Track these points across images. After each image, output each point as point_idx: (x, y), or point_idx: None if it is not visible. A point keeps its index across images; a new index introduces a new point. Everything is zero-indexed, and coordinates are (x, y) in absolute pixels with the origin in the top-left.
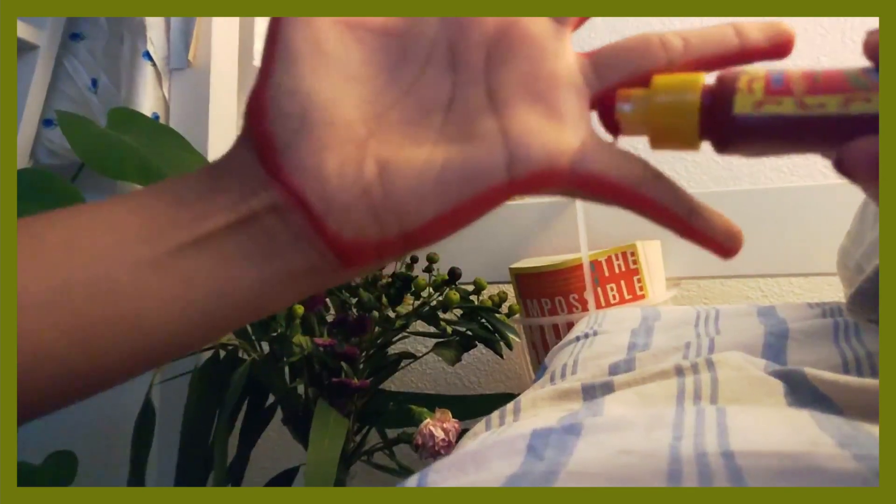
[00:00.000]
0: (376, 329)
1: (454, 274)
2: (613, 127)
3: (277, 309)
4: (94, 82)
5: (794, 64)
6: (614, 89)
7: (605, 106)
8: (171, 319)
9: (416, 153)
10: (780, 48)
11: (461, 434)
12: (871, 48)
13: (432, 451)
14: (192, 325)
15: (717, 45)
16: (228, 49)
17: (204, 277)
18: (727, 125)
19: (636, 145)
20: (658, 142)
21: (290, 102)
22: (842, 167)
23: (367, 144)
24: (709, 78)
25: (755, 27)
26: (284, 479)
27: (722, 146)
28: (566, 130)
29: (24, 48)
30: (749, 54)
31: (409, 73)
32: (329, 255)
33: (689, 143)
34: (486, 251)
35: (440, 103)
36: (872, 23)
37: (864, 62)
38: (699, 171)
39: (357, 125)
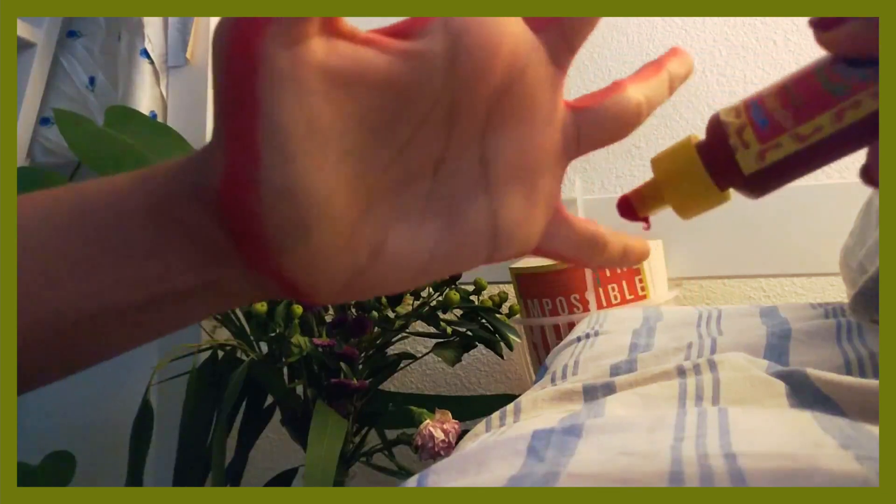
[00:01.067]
0: (376, 329)
1: (454, 274)
2: (635, 216)
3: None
4: (92, 80)
5: (796, 61)
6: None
7: (624, 210)
8: (124, 346)
9: (404, 234)
10: (690, 69)
11: (461, 435)
12: (828, 43)
13: (432, 453)
14: (150, 338)
15: (661, 96)
16: None
17: (158, 321)
18: (746, 187)
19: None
20: (684, 212)
21: (287, 207)
22: (867, 177)
23: (361, 228)
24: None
25: (671, 62)
26: (283, 480)
27: (755, 196)
28: (540, 217)
29: (22, 46)
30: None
31: (403, 132)
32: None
33: (712, 198)
34: None
35: (430, 163)
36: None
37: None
38: None
39: (352, 209)
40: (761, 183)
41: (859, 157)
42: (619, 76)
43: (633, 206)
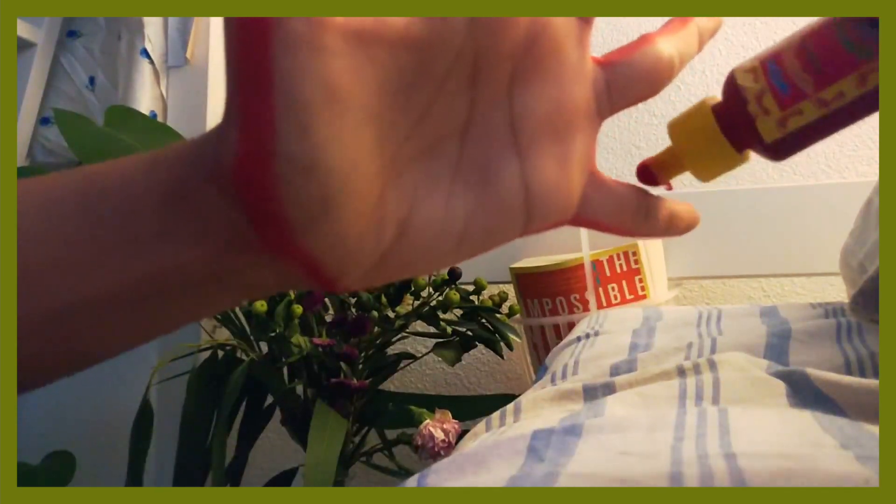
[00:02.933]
0: (375, 329)
1: (454, 274)
2: (655, 181)
3: None
4: (92, 80)
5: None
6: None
7: (645, 177)
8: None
9: (434, 205)
10: (719, 22)
11: (461, 435)
12: None
13: (432, 452)
14: (164, 329)
15: (692, 49)
16: None
17: (170, 312)
18: (767, 152)
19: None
20: (704, 176)
21: (308, 184)
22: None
23: (385, 203)
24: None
25: (702, 17)
26: (283, 479)
27: (776, 160)
28: (575, 181)
29: (22, 46)
30: (701, 44)
31: (425, 93)
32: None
33: (731, 161)
34: None
35: (456, 127)
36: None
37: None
38: None
39: (375, 181)
40: (783, 149)
41: (860, 159)
42: None
43: (652, 173)
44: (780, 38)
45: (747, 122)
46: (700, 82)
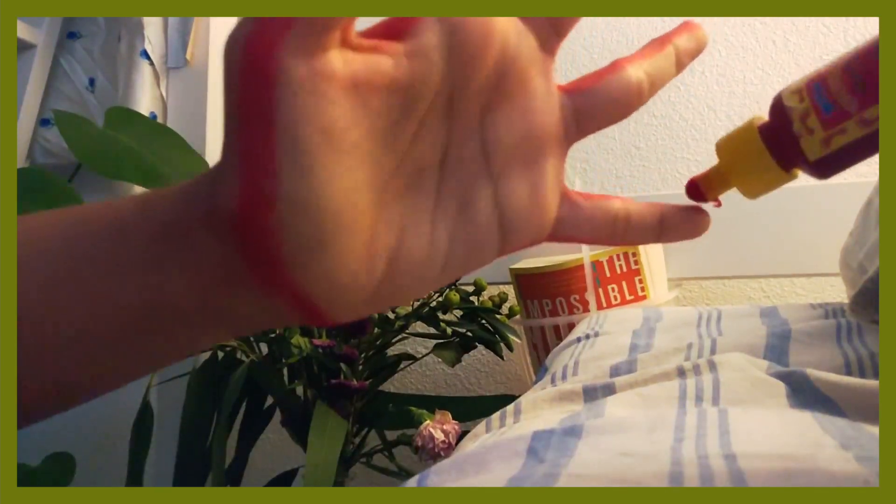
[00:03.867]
0: (375, 330)
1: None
2: (704, 198)
3: None
4: (92, 81)
5: (796, 62)
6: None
7: (693, 193)
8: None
9: (420, 235)
10: (701, 43)
11: (461, 436)
12: None
13: (432, 453)
14: (152, 367)
15: (667, 73)
16: None
17: (159, 347)
18: (812, 170)
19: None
20: (751, 194)
21: (305, 221)
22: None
23: (375, 237)
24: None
25: (679, 37)
26: (283, 480)
27: (821, 178)
28: (547, 203)
29: (22, 47)
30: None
31: (408, 130)
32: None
33: (778, 179)
34: None
35: (434, 160)
36: (874, 22)
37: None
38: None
39: (366, 217)
40: (827, 167)
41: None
42: None
43: (700, 190)
44: (830, 58)
45: (792, 142)
46: (700, 83)
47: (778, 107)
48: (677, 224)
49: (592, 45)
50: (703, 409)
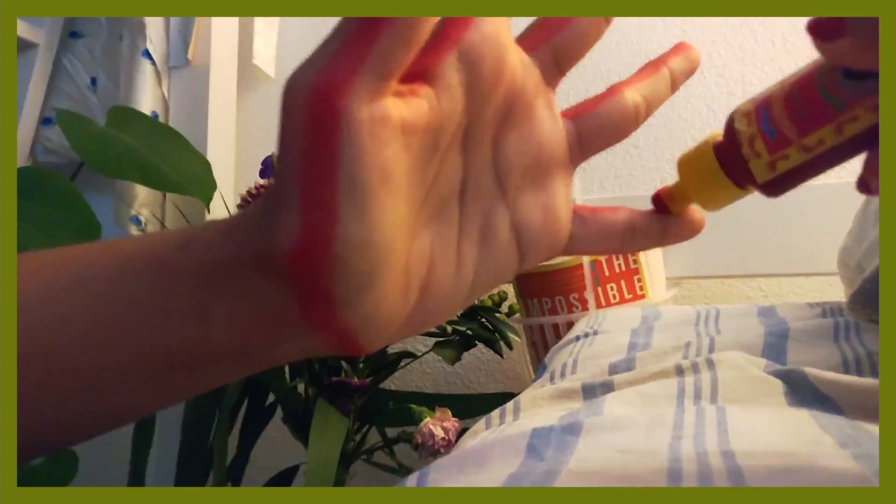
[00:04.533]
0: None
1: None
2: (667, 211)
3: None
4: (94, 81)
5: (795, 62)
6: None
7: (658, 206)
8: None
9: (448, 264)
10: (694, 63)
11: (461, 433)
12: (827, 53)
13: (432, 450)
14: (178, 399)
15: (662, 94)
16: (228, 47)
17: (191, 383)
18: (762, 190)
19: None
20: (710, 208)
21: (360, 259)
22: (864, 187)
23: (409, 269)
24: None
25: (673, 59)
26: (284, 478)
27: (772, 196)
28: (559, 220)
29: (23, 46)
30: (675, 86)
31: (434, 166)
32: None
33: (733, 195)
34: None
35: (455, 190)
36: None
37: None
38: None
39: (404, 251)
40: (775, 188)
41: (859, 159)
42: (617, 77)
43: (664, 203)
44: (772, 83)
45: (742, 164)
46: (700, 83)
47: (730, 129)
48: (676, 227)
49: (595, 45)
50: (702, 406)
